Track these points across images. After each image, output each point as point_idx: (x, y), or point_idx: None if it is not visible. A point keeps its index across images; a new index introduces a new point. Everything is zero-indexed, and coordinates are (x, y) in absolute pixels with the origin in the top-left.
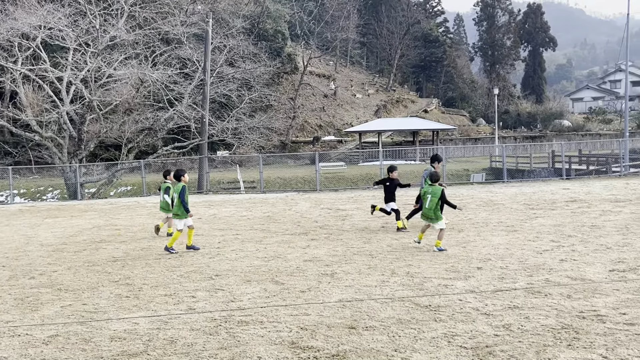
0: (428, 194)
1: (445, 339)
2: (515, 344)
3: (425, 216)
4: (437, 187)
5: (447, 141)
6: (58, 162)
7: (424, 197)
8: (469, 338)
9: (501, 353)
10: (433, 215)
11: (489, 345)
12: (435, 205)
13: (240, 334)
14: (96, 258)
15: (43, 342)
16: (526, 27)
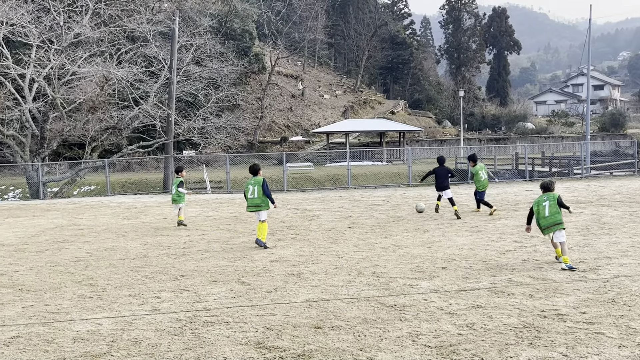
0: (544, 202)
1: (410, 338)
2: (478, 342)
3: (548, 225)
4: (553, 193)
5: (413, 142)
6: (20, 161)
7: (538, 207)
8: (433, 337)
9: (464, 352)
10: (559, 220)
11: (452, 344)
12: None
13: (206, 334)
14: (59, 258)
15: (4, 344)
16: (491, 31)
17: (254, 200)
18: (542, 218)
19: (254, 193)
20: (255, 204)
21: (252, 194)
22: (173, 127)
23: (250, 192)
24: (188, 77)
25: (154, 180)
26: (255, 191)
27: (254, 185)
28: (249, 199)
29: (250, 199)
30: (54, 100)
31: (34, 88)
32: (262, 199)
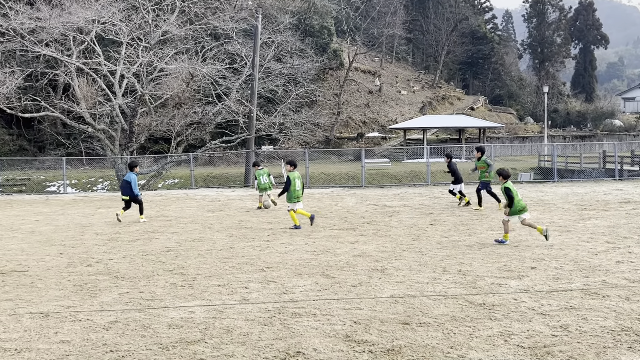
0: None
1: (502, 337)
2: (574, 344)
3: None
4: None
5: (493, 139)
6: (110, 154)
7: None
8: (525, 337)
9: (560, 354)
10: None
11: (547, 345)
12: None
13: (295, 325)
14: (150, 248)
15: (103, 328)
16: (577, 24)
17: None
18: (519, 202)
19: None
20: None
21: (299, 187)
22: (254, 123)
23: (298, 185)
24: (269, 73)
25: (235, 175)
26: (298, 184)
27: (298, 178)
28: (296, 190)
29: (298, 191)
30: (142, 95)
31: (124, 84)
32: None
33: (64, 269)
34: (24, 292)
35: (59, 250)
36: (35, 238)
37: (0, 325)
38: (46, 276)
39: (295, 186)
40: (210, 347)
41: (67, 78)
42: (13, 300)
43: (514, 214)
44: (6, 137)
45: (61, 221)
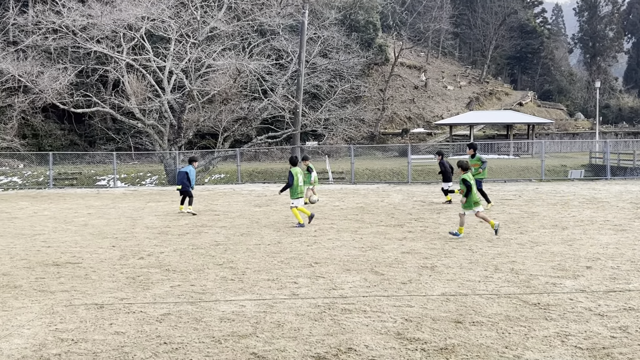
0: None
1: (559, 338)
2: (634, 347)
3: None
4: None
5: (542, 135)
6: (158, 149)
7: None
8: (583, 338)
9: (620, 356)
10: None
11: (605, 347)
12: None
13: (345, 321)
14: (199, 241)
15: (157, 320)
16: (630, 18)
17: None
18: (474, 194)
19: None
20: (302, 191)
21: (301, 182)
22: (300, 119)
23: (300, 180)
24: (314, 69)
25: (280, 170)
26: (300, 179)
27: (300, 174)
28: (300, 187)
29: (301, 187)
30: (190, 91)
31: (172, 80)
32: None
33: (117, 262)
34: (78, 283)
35: (111, 243)
36: (88, 231)
37: (57, 316)
38: (100, 268)
39: (297, 182)
40: (262, 341)
41: (118, 74)
42: (68, 291)
43: (469, 207)
44: (58, 132)
45: (112, 214)
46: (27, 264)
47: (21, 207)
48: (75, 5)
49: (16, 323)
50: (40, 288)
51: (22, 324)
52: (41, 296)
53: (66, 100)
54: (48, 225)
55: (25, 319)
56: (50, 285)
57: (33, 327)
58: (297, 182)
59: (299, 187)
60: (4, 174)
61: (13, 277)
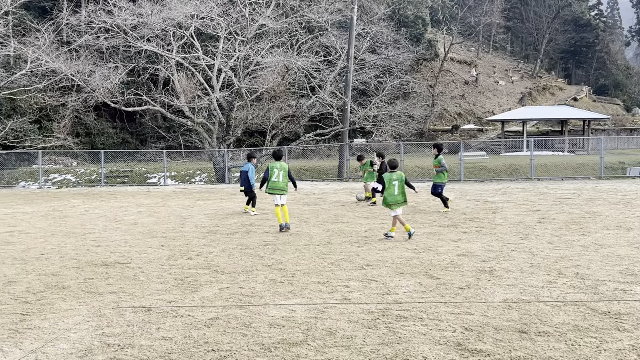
0: (394, 181)
1: (634, 351)
2: None
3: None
4: (400, 172)
5: (599, 131)
6: (208, 147)
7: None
8: None
9: None
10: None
11: None
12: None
13: (401, 329)
14: (248, 241)
15: (205, 325)
16: None
17: (278, 183)
18: (391, 195)
19: (279, 177)
20: (281, 187)
21: (276, 178)
22: (349, 115)
23: (275, 175)
24: (363, 65)
25: (327, 168)
26: (280, 175)
27: (279, 169)
28: (272, 181)
29: (275, 182)
30: (239, 89)
31: (221, 78)
32: (287, 184)
33: (165, 262)
34: (127, 284)
35: (160, 243)
36: (137, 230)
37: (105, 319)
38: (148, 269)
39: (272, 176)
40: (313, 349)
41: (168, 72)
42: (116, 292)
43: (386, 205)
44: (110, 130)
45: (162, 213)
46: (77, 263)
47: (73, 205)
48: (126, 5)
49: (63, 326)
50: (88, 289)
51: (69, 327)
52: (89, 298)
53: (117, 98)
54: (98, 223)
55: (72, 322)
56: (99, 287)
57: (80, 331)
58: (271, 176)
59: (272, 183)
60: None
61: (62, 278)
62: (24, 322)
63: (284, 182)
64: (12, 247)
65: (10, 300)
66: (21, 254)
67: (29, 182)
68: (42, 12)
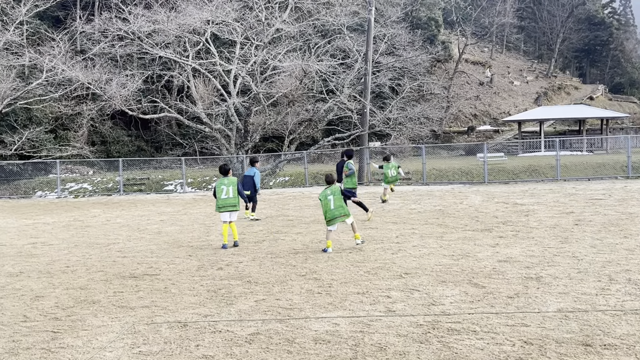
0: (329, 196)
1: None
2: None
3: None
4: (335, 186)
5: (617, 130)
6: (225, 153)
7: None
8: None
9: None
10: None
11: None
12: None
13: (455, 344)
14: (277, 249)
15: (246, 341)
16: None
17: (228, 200)
18: (328, 211)
19: (228, 193)
20: (231, 203)
21: (226, 194)
22: (368, 119)
23: (224, 192)
24: (379, 68)
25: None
26: (230, 191)
27: (227, 185)
28: (222, 199)
29: (224, 200)
30: (256, 94)
31: (238, 83)
32: (237, 199)
33: (195, 273)
34: (158, 297)
35: (187, 252)
36: (162, 239)
37: (140, 336)
38: (179, 280)
39: (221, 194)
40: None
41: (183, 79)
42: (149, 307)
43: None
44: (126, 138)
45: (185, 221)
46: (104, 276)
47: (94, 215)
48: (141, 12)
49: (97, 344)
50: (119, 303)
51: (103, 346)
52: (121, 312)
53: (133, 106)
54: (122, 233)
55: (107, 339)
56: (130, 300)
57: (115, 350)
58: (220, 194)
59: (221, 201)
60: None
61: (91, 292)
62: (56, 341)
63: (234, 198)
64: (37, 260)
65: (39, 317)
66: (46, 267)
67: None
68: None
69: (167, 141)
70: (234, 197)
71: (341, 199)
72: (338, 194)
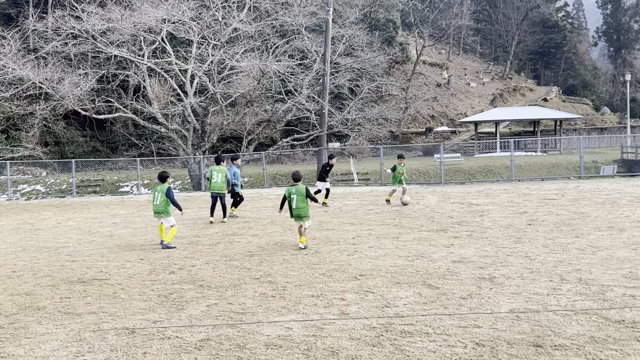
0: (293, 194)
1: None
2: None
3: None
4: (301, 185)
5: (570, 131)
6: (182, 154)
7: (289, 198)
8: None
9: None
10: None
11: None
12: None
13: (408, 347)
14: (232, 252)
15: (195, 347)
16: None
17: (156, 207)
18: (292, 209)
19: (157, 199)
20: (158, 210)
21: (155, 201)
22: (327, 119)
23: (155, 198)
24: (338, 69)
25: (304, 172)
26: (158, 198)
27: (158, 192)
28: (153, 205)
29: (155, 206)
30: (213, 94)
31: (195, 83)
32: (164, 206)
33: (147, 277)
34: (107, 303)
35: (139, 256)
36: (114, 242)
37: (85, 343)
38: (129, 285)
39: (154, 200)
40: None
41: (139, 78)
42: (96, 313)
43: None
44: (80, 138)
45: (139, 224)
46: (51, 281)
47: (44, 218)
48: (95, 10)
49: (40, 353)
50: (65, 310)
51: (46, 355)
52: (67, 319)
53: (87, 106)
54: (72, 236)
55: (50, 347)
56: (77, 306)
57: (59, 358)
58: (154, 200)
59: (154, 206)
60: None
61: (36, 297)
62: None
63: (162, 205)
64: None
65: None
66: None
67: None
68: (7, 20)
69: (123, 142)
70: (161, 204)
71: (304, 200)
72: (301, 194)
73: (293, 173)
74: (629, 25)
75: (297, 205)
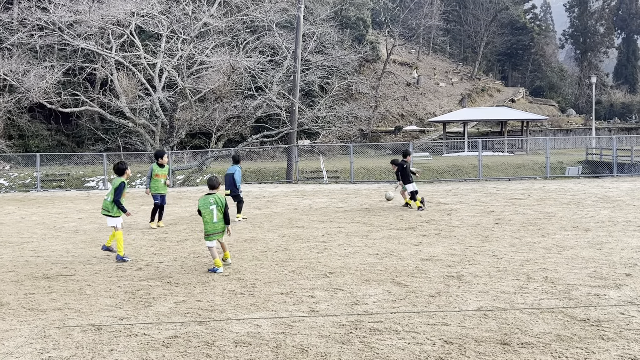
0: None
1: None
2: None
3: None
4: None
5: (536, 132)
6: (150, 149)
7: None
8: None
9: None
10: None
11: None
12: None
13: (377, 344)
14: (201, 249)
15: (163, 344)
16: (620, 13)
17: (105, 202)
18: (209, 223)
19: (108, 195)
20: (106, 207)
21: (107, 195)
22: (297, 117)
23: (108, 192)
24: (309, 66)
25: (273, 169)
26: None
27: (112, 186)
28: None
29: (104, 201)
30: (182, 89)
31: (164, 78)
32: (111, 204)
33: (113, 273)
34: (72, 299)
35: (105, 252)
36: (79, 238)
37: (50, 340)
38: (95, 281)
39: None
40: None
41: (106, 72)
42: (61, 309)
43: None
44: (45, 132)
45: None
46: (15, 276)
47: (7, 212)
48: (62, 1)
49: (3, 350)
50: (30, 306)
51: (9, 351)
52: (31, 316)
53: (53, 99)
54: (37, 231)
55: (14, 344)
56: (41, 303)
57: (22, 355)
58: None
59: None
60: None
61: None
62: None
63: (110, 203)
64: None
65: None
66: None
67: None
68: None
69: (89, 136)
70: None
71: (222, 211)
72: (221, 205)
73: (209, 179)
74: (595, 29)
75: (218, 217)
